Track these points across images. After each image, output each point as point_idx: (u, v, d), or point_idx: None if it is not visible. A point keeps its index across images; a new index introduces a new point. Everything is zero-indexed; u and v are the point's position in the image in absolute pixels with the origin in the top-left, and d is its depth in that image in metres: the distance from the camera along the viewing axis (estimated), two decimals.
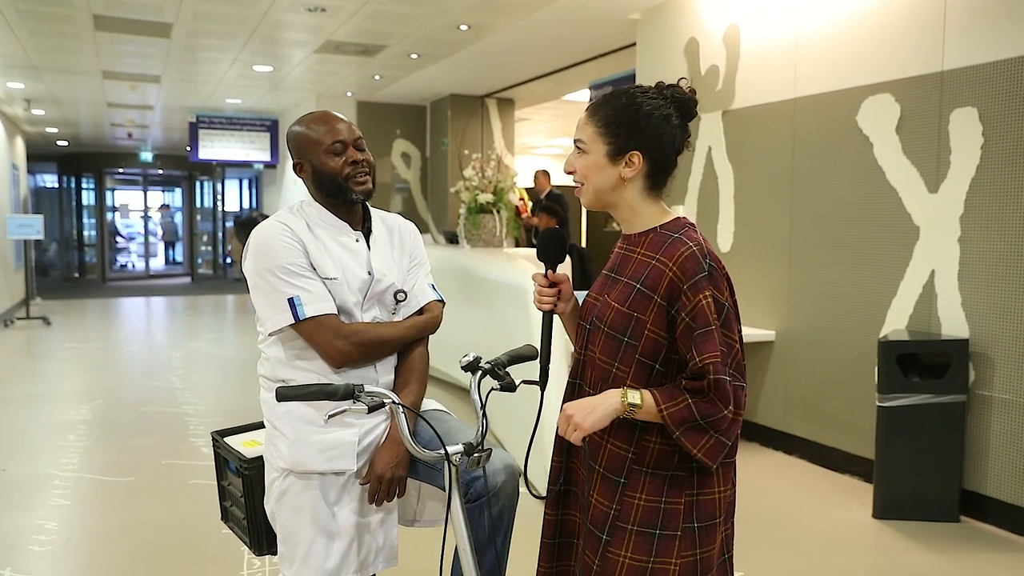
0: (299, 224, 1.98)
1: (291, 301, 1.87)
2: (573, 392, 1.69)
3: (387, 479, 1.91)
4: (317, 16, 6.41)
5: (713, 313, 1.48)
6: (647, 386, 1.55)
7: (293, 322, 1.88)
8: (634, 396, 1.49)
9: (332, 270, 1.94)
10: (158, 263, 21.41)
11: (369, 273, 1.99)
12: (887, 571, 3.31)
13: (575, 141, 1.65)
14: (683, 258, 1.51)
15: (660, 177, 1.63)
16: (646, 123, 1.57)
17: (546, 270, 1.74)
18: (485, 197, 6.68)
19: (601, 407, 1.50)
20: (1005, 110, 3.64)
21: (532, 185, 8.99)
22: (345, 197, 1.98)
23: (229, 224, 19.10)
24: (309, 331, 1.89)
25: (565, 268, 1.87)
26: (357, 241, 2.02)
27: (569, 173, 1.67)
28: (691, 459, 1.54)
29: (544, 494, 1.76)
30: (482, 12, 6.26)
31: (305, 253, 1.92)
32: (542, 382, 1.73)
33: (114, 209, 21.30)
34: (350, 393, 1.70)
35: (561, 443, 1.71)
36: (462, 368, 1.86)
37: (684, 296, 1.50)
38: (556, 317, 1.78)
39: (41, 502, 3.99)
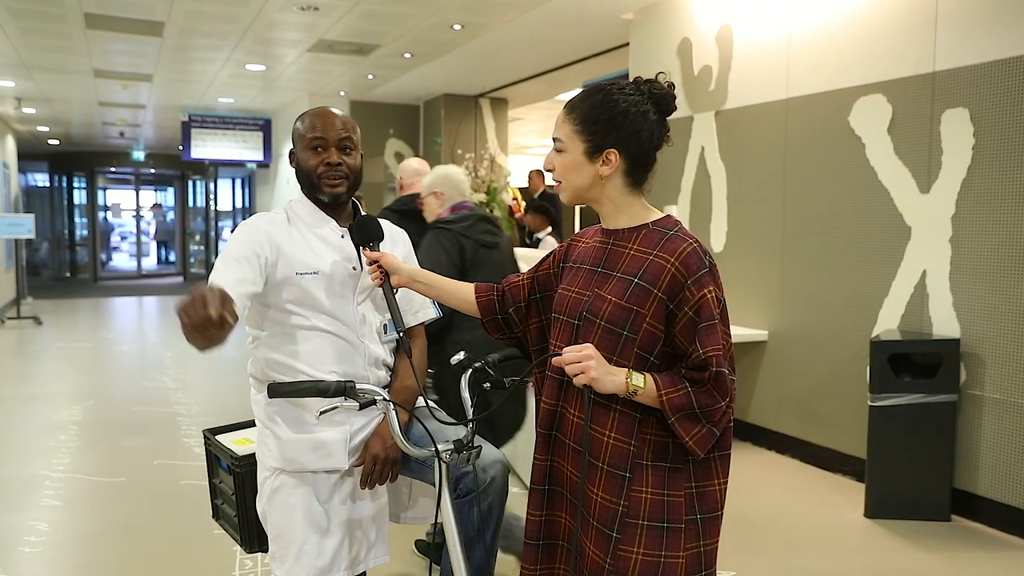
0: (278, 220, 1.99)
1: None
2: (561, 388, 1.67)
3: (382, 459, 1.91)
4: (310, 15, 6.40)
5: (716, 308, 1.53)
6: None
7: None
8: (637, 379, 1.52)
9: (312, 264, 1.94)
10: (150, 262, 21.36)
11: (354, 268, 1.99)
12: (879, 570, 3.32)
13: (553, 139, 1.67)
14: (685, 254, 1.54)
15: (640, 173, 1.64)
16: (622, 120, 1.59)
17: (359, 250, 1.97)
18: (478, 197, 6.69)
19: (614, 375, 1.52)
20: (996, 111, 3.66)
21: (526, 185, 8.99)
22: (314, 196, 2.01)
23: (224, 224, 19.05)
24: None
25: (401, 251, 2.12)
26: (343, 237, 2.01)
27: (548, 171, 1.69)
28: (685, 451, 1.56)
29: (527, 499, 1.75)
30: (475, 12, 6.26)
31: (265, 246, 1.89)
32: (405, 348, 1.90)
33: (106, 208, 21.22)
34: (342, 390, 1.70)
35: (545, 441, 1.69)
36: (453, 367, 1.87)
37: (687, 291, 1.53)
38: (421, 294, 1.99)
39: (32, 503, 3.97)
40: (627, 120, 1.59)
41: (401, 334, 1.88)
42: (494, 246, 2.91)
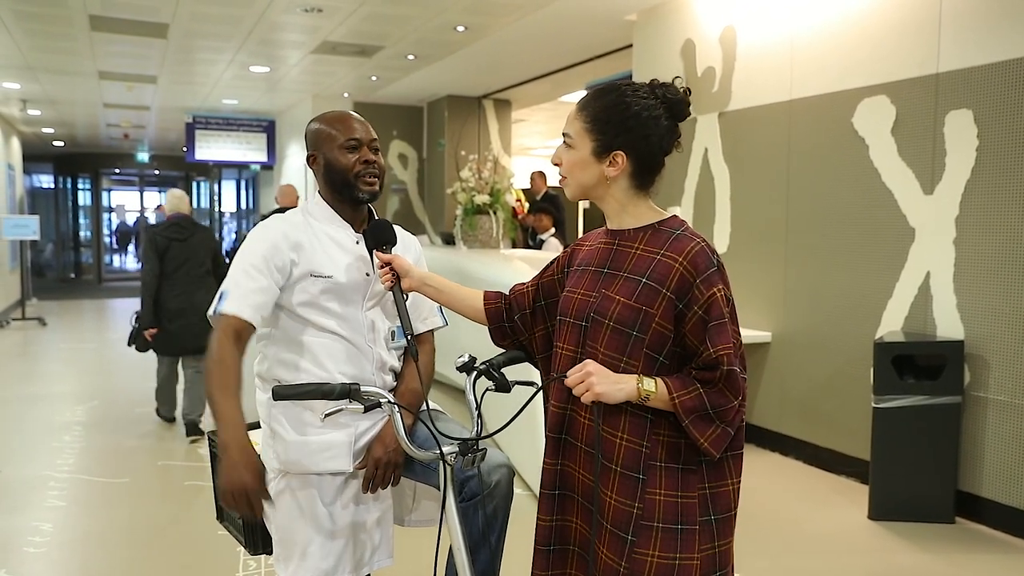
0: (296, 221, 1.99)
1: (222, 294, 1.87)
2: (570, 391, 1.65)
3: (384, 462, 1.91)
4: (313, 17, 6.41)
5: (725, 306, 1.53)
6: None
7: (211, 314, 1.87)
8: (649, 383, 1.52)
9: (327, 268, 1.94)
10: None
11: (367, 275, 1.99)
12: (882, 572, 3.32)
13: (563, 134, 1.66)
14: (693, 253, 1.54)
15: (646, 177, 1.64)
16: (634, 123, 1.58)
17: (372, 252, 1.94)
18: (482, 198, 6.68)
19: (621, 384, 1.52)
20: (1000, 112, 3.66)
21: (528, 186, 8.99)
22: (351, 194, 1.98)
23: (228, 225, 19.07)
24: (216, 321, 1.86)
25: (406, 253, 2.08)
26: (357, 243, 2.02)
27: (556, 165, 1.69)
28: (698, 452, 1.55)
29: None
30: (479, 13, 6.26)
31: (284, 250, 1.91)
32: (412, 351, 1.82)
33: (110, 209, 21.27)
34: (347, 392, 1.70)
35: (555, 445, 1.69)
36: (457, 369, 1.87)
37: (696, 290, 1.52)
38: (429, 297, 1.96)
39: (36, 503, 3.98)
40: (638, 123, 1.58)
41: (409, 337, 1.87)
42: (182, 240, 5.11)
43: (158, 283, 5.08)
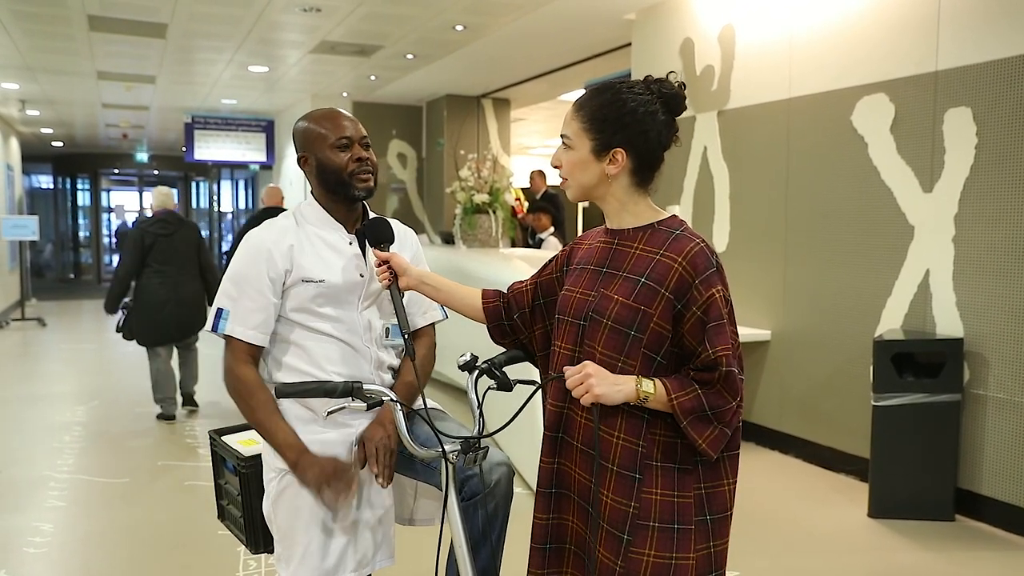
0: (287, 225, 1.98)
1: (219, 312, 1.93)
2: (568, 390, 1.66)
3: (382, 444, 1.88)
4: (312, 16, 6.40)
5: (724, 307, 1.53)
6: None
7: (210, 330, 1.96)
8: (647, 384, 1.52)
9: (318, 272, 1.94)
10: None
11: (361, 275, 1.99)
12: (882, 570, 3.32)
13: (561, 136, 1.66)
14: (693, 254, 1.54)
15: (646, 173, 1.64)
16: (631, 119, 1.58)
17: (365, 251, 1.97)
18: (481, 197, 6.68)
19: (620, 385, 1.52)
20: (999, 110, 3.66)
21: (528, 185, 8.99)
22: (347, 193, 1.98)
23: (227, 225, 19.04)
24: (227, 345, 1.95)
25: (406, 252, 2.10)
26: (350, 244, 2.01)
27: (556, 167, 1.69)
28: (694, 452, 1.55)
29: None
30: (478, 13, 6.26)
31: (277, 264, 1.91)
32: (409, 351, 1.80)
33: (110, 210, 21.27)
34: (349, 391, 1.70)
35: (552, 443, 1.69)
36: (459, 368, 1.87)
37: (695, 290, 1.52)
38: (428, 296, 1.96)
39: (36, 504, 3.98)
40: (635, 119, 1.58)
41: (406, 336, 1.87)
42: (167, 235, 5.40)
43: (141, 276, 5.37)
